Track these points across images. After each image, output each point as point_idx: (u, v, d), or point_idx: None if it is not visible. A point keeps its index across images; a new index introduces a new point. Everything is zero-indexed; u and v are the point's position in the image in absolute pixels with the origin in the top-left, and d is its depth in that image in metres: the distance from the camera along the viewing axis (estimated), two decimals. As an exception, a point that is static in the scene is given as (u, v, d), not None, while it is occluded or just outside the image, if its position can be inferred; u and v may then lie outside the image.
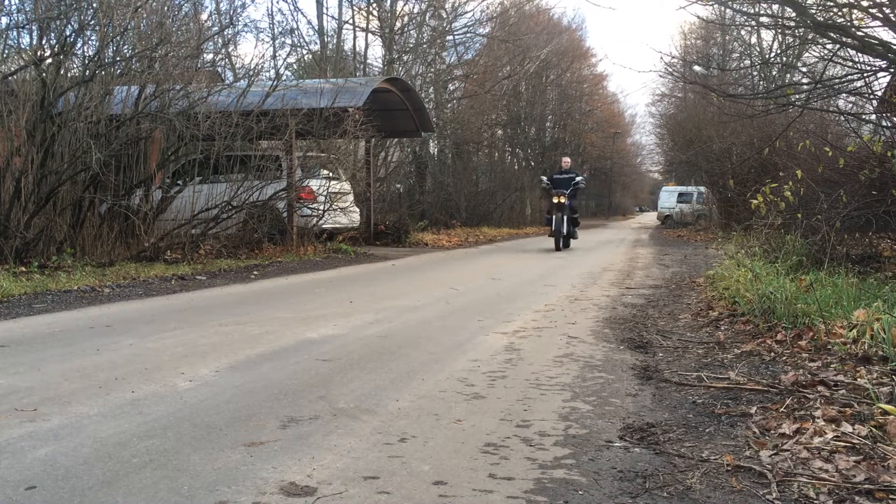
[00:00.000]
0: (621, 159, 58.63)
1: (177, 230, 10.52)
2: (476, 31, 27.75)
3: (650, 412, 3.02)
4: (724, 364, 3.93)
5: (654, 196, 60.10)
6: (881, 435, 2.52)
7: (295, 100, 12.36)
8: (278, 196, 12.07)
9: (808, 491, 2.13)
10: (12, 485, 2.20)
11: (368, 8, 25.15)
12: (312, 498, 2.09)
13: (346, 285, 8.30)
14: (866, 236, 7.43)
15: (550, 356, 4.20)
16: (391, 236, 16.86)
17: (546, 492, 2.16)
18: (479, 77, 28.46)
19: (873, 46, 6.79)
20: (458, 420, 2.89)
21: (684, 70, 18.15)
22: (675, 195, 36.05)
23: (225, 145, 11.00)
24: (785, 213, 7.44)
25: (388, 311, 6.05)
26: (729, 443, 2.61)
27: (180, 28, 11.70)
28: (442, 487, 2.18)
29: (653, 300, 6.86)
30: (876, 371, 3.32)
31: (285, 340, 4.64)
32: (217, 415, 2.95)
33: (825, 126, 9.96)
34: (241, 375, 3.67)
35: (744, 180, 14.03)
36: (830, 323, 4.25)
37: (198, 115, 10.54)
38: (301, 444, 2.56)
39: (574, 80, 43.32)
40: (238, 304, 6.65)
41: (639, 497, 2.12)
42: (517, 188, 33.99)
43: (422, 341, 4.66)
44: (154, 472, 2.30)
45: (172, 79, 10.48)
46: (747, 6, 9.53)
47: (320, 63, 22.98)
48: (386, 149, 21.93)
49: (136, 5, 9.99)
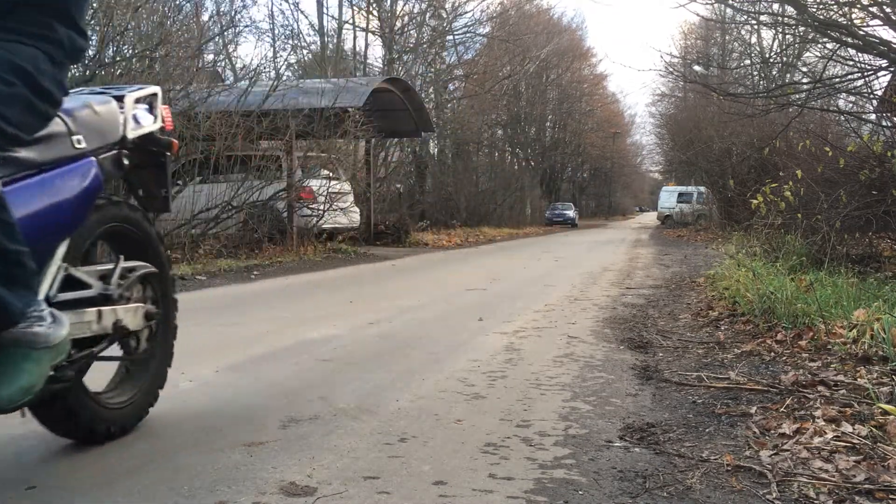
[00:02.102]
0: (621, 159, 58.68)
1: (177, 230, 10.53)
2: (476, 31, 27.77)
3: (650, 412, 3.02)
4: (724, 364, 3.93)
5: (654, 196, 60.14)
6: (881, 435, 2.52)
7: (295, 100, 12.37)
8: (278, 196, 12.08)
9: (808, 491, 2.13)
10: (13, 483, 2.20)
11: (368, 8, 25.16)
12: (312, 498, 2.10)
13: (346, 285, 8.31)
14: (866, 236, 7.43)
15: (550, 356, 4.20)
16: (391, 236, 16.87)
17: (546, 492, 2.16)
18: (479, 77, 28.48)
19: (874, 45, 6.80)
20: (458, 420, 2.89)
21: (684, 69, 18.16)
22: (675, 195, 36.07)
23: (225, 145, 11.00)
24: (785, 213, 7.44)
25: (388, 311, 6.05)
26: (729, 443, 2.61)
27: (181, 28, 11.71)
28: (442, 487, 2.18)
29: (653, 300, 6.86)
30: (876, 371, 3.32)
31: (285, 340, 4.64)
32: (217, 415, 2.95)
33: (825, 126, 9.96)
34: (241, 375, 3.67)
35: (744, 180, 14.05)
36: (830, 323, 4.25)
37: (198, 116, 10.55)
38: (301, 444, 2.57)
39: (574, 80, 43.35)
40: (238, 304, 6.66)
41: (639, 497, 2.12)
42: (517, 188, 34.01)
43: (422, 341, 4.66)
44: (154, 472, 2.30)
45: (173, 79, 10.49)
46: (747, 5, 9.54)
47: (320, 63, 22.99)
48: (386, 149, 21.93)
49: (136, 5, 9.99)
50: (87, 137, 2.35)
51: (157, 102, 2.78)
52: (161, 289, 2.80)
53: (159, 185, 2.81)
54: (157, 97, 2.80)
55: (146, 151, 2.71)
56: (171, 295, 2.88)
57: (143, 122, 2.67)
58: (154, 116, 2.75)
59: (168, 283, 2.86)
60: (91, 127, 2.39)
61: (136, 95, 2.67)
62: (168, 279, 2.86)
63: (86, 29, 2.25)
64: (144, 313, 2.62)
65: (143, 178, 2.78)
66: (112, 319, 2.42)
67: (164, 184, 2.82)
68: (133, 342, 2.63)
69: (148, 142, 2.69)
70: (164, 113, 2.83)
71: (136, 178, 2.78)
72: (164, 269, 2.82)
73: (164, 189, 2.82)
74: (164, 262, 2.82)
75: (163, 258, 2.81)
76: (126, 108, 2.58)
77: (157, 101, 2.78)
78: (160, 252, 2.80)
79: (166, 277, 2.84)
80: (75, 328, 2.23)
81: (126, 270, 2.58)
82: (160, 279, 2.78)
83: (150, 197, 2.81)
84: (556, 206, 41.55)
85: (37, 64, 2.01)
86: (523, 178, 36.06)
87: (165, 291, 2.83)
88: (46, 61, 2.05)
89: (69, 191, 2.21)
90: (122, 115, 2.55)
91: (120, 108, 2.55)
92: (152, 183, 2.80)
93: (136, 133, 2.60)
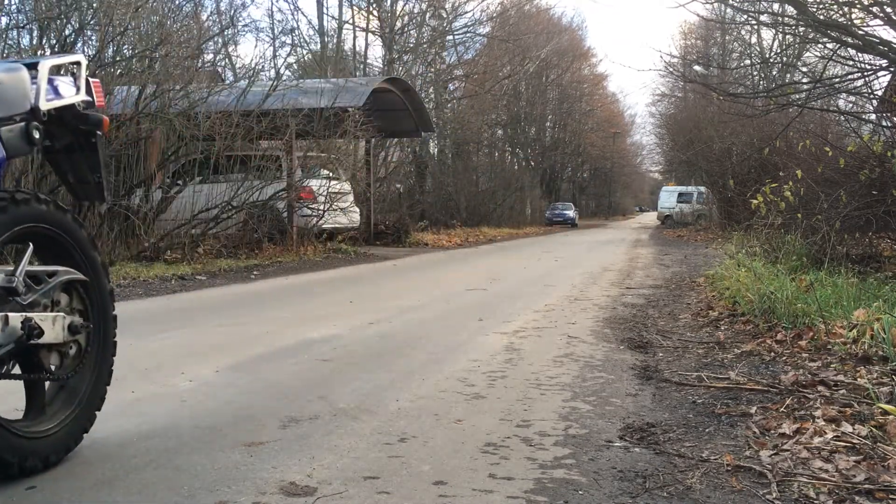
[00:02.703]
0: (621, 159, 58.65)
1: (177, 230, 10.53)
2: (476, 31, 27.77)
3: (650, 412, 3.02)
4: (724, 364, 3.93)
5: (654, 196, 60.13)
6: (881, 435, 2.52)
7: (295, 100, 12.37)
8: (278, 196, 12.08)
9: (808, 491, 2.13)
10: (13, 483, 2.20)
11: (368, 8, 25.16)
12: (312, 498, 2.10)
13: (346, 285, 8.31)
14: (866, 236, 7.43)
15: (550, 356, 4.20)
16: (391, 236, 16.87)
17: (546, 492, 2.16)
18: (479, 77, 28.47)
19: (874, 45, 6.80)
20: (458, 420, 2.89)
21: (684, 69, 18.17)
22: (675, 195, 36.05)
23: (225, 145, 11.00)
24: (785, 213, 7.44)
25: (388, 311, 6.05)
26: (729, 443, 2.61)
27: (181, 28, 11.71)
28: (442, 487, 2.18)
29: (653, 300, 6.86)
30: (876, 371, 3.32)
31: (285, 340, 4.64)
32: (217, 415, 2.95)
33: (825, 126, 9.97)
34: (242, 375, 3.67)
35: (744, 180, 14.04)
36: (830, 323, 4.25)
37: (198, 115, 10.54)
38: (301, 444, 2.57)
39: (574, 79, 43.34)
40: (238, 304, 6.66)
41: (639, 497, 2.12)
42: (517, 188, 33.99)
43: (422, 341, 4.66)
44: (154, 472, 2.30)
45: (172, 79, 10.49)
46: (747, 5, 9.54)
47: (320, 63, 22.99)
48: (386, 149, 21.93)
49: (137, 5, 9.99)
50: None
51: (80, 72, 2.50)
52: (93, 299, 2.47)
53: (91, 169, 2.51)
54: (81, 66, 2.52)
55: (72, 129, 2.44)
56: (107, 307, 2.54)
57: (63, 94, 2.41)
58: (77, 88, 2.47)
59: (104, 293, 2.52)
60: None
61: (53, 63, 2.40)
62: (104, 289, 2.52)
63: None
64: (68, 325, 2.29)
65: (73, 162, 2.51)
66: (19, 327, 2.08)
67: (96, 168, 2.52)
68: (54, 358, 2.30)
69: (71, 117, 2.41)
70: (95, 88, 2.55)
71: (65, 162, 2.52)
72: (99, 278, 2.48)
73: (98, 174, 2.52)
74: (98, 270, 2.48)
75: (97, 265, 2.48)
76: (39, 76, 2.30)
77: (80, 71, 2.50)
78: (93, 258, 2.46)
79: (101, 287, 2.50)
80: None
81: (44, 275, 2.26)
82: (92, 288, 2.45)
83: (82, 183, 2.53)
84: (556, 206, 41.55)
85: None
86: (523, 178, 36.05)
87: (101, 303, 2.50)
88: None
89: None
90: (35, 85, 2.28)
91: (32, 77, 2.29)
92: (83, 167, 2.51)
93: (53, 104, 2.33)
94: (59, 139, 2.43)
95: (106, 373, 2.55)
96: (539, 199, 40.73)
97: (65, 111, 2.40)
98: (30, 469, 2.18)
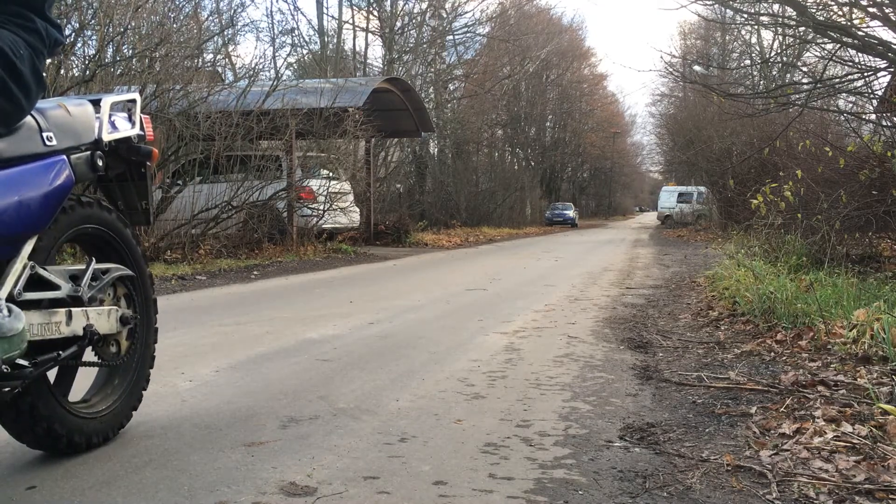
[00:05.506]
0: (621, 159, 58.71)
1: (177, 230, 10.53)
2: (476, 31, 27.78)
3: (650, 412, 3.02)
4: (724, 364, 3.93)
5: (654, 196, 60.17)
6: (881, 435, 2.52)
7: (295, 100, 12.38)
8: (278, 196, 12.09)
9: (808, 491, 2.13)
10: (13, 483, 2.20)
11: (368, 8, 25.17)
12: (312, 498, 2.10)
13: (346, 285, 8.31)
14: (866, 236, 7.43)
15: (550, 356, 4.20)
16: (391, 236, 16.88)
17: (546, 492, 2.16)
18: (479, 77, 28.49)
19: (873, 46, 6.80)
20: (458, 420, 2.89)
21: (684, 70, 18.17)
22: (675, 195, 36.06)
23: (225, 145, 11.00)
24: (785, 213, 7.44)
25: (388, 311, 6.05)
26: (729, 443, 2.61)
27: (181, 28, 11.71)
28: (442, 487, 2.18)
29: (653, 300, 6.86)
30: (876, 371, 3.32)
31: (285, 340, 4.64)
32: (217, 415, 2.95)
33: (825, 126, 9.97)
34: (241, 375, 3.67)
35: (744, 180, 14.03)
36: (830, 323, 4.25)
37: (198, 115, 10.54)
38: (301, 444, 2.57)
39: (574, 79, 43.37)
40: (238, 304, 6.65)
41: (639, 497, 2.12)
42: (517, 188, 34.01)
43: (422, 341, 4.66)
44: (154, 472, 2.30)
45: (172, 79, 10.49)
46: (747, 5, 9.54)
47: (320, 63, 22.99)
48: (386, 149, 21.94)
49: (137, 5, 9.99)
50: (59, 136, 2.32)
51: (135, 109, 2.76)
52: (139, 291, 2.75)
53: (140, 196, 2.78)
54: (136, 104, 2.78)
55: (125, 160, 2.69)
56: (150, 298, 2.83)
57: (119, 128, 2.66)
58: (132, 123, 2.73)
59: (147, 285, 2.81)
60: (63, 126, 2.36)
61: (113, 100, 2.67)
62: (147, 282, 2.81)
63: (59, 22, 2.24)
64: (119, 317, 2.58)
65: (125, 189, 2.77)
66: (83, 322, 2.37)
67: (144, 195, 2.79)
68: (112, 347, 2.59)
69: (126, 148, 2.66)
70: (145, 122, 2.80)
71: (116, 190, 2.77)
72: (142, 272, 2.78)
73: (145, 201, 2.79)
74: (141, 265, 2.77)
75: (140, 261, 2.77)
76: (102, 111, 2.56)
77: (135, 108, 2.76)
78: (137, 254, 2.75)
79: (145, 280, 2.80)
80: (42, 329, 2.19)
81: (99, 272, 2.53)
82: (138, 282, 2.74)
83: (131, 208, 2.79)
84: (556, 206, 41.56)
85: (16, 48, 2.00)
86: (523, 178, 36.06)
87: (144, 295, 2.79)
88: (26, 48, 2.04)
89: (37, 188, 2.17)
90: (98, 119, 2.53)
91: (95, 112, 2.54)
92: (133, 194, 2.78)
93: (112, 137, 2.59)
94: (113, 168, 2.66)
95: (149, 357, 2.83)
96: (539, 200, 40.77)
97: (120, 143, 2.65)
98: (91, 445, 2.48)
